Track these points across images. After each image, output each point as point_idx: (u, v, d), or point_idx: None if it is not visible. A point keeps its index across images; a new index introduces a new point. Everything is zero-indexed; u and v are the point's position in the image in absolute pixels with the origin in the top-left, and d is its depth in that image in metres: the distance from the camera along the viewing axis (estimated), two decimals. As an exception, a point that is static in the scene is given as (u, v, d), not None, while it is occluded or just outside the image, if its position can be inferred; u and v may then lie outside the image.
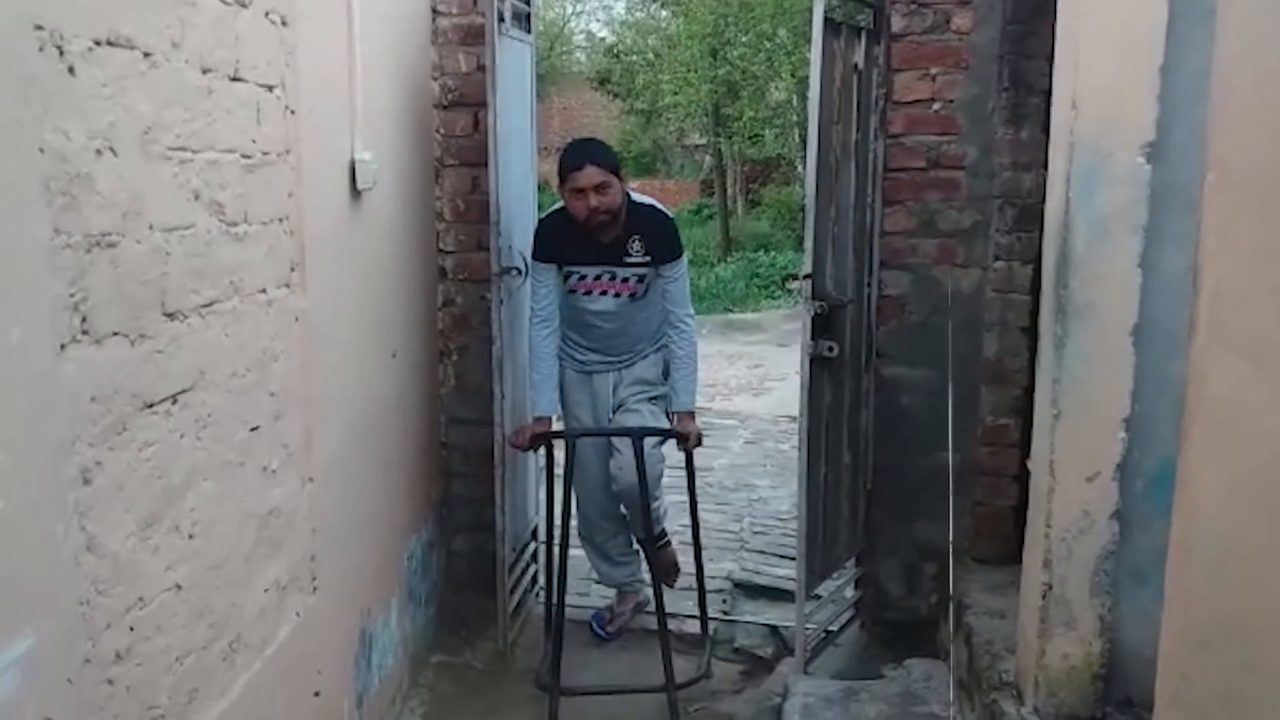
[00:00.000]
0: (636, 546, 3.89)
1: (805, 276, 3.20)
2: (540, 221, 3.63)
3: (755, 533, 4.95)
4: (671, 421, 3.62)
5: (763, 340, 10.65)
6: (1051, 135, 2.49)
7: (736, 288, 14.04)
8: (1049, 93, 2.57)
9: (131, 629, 1.70)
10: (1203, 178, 1.51)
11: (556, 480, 3.55)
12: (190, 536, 1.89)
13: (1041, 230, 2.75)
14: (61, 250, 1.48)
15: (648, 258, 3.46)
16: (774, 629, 3.97)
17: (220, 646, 2.03)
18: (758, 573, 4.45)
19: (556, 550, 3.42)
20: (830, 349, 3.27)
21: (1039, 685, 2.55)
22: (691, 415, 3.61)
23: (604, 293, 3.54)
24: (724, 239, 16.78)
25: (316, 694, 2.53)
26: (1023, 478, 2.94)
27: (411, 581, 3.49)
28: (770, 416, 7.26)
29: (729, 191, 18.12)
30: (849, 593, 3.81)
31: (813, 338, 3.24)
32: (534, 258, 3.54)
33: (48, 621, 1.46)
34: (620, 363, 3.66)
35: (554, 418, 3.65)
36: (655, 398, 3.67)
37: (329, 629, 2.63)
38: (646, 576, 3.79)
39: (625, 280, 3.51)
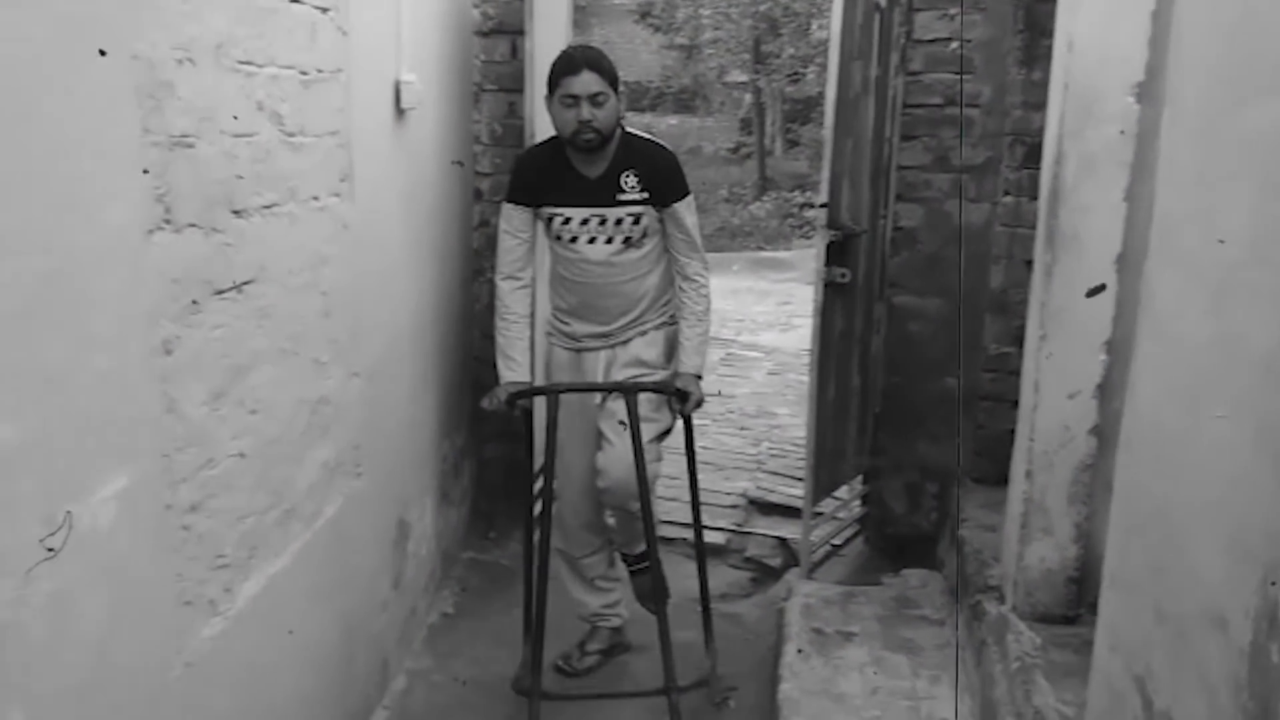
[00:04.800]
0: (622, 570, 3.35)
1: (821, 205, 3.37)
2: (517, 158, 3.14)
3: (772, 455, 5.19)
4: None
5: (793, 278, 10.74)
6: (1051, 75, 2.64)
7: (770, 226, 14.15)
8: (1056, 34, 2.71)
9: (203, 486, 1.94)
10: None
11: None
12: (252, 412, 2.13)
13: (1045, 166, 2.91)
14: (149, 148, 1.70)
15: (645, 194, 2.94)
16: (783, 541, 4.20)
17: (276, 514, 2.28)
18: (772, 491, 4.68)
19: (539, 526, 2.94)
20: (843, 275, 3.45)
21: (1018, 587, 2.76)
22: (697, 378, 3.02)
23: (593, 239, 2.97)
24: (760, 178, 16.80)
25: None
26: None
27: (445, 482, 3.73)
28: (794, 351, 7.44)
29: (767, 130, 18.08)
30: (855, 509, 4.03)
31: (826, 264, 3.42)
32: (506, 199, 3.04)
33: (138, 466, 1.70)
34: (615, 337, 3.08)
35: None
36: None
37: (371, 512, 2.88)
38: (627, 612, 3.38)
39: (619, 222, 2.95)
